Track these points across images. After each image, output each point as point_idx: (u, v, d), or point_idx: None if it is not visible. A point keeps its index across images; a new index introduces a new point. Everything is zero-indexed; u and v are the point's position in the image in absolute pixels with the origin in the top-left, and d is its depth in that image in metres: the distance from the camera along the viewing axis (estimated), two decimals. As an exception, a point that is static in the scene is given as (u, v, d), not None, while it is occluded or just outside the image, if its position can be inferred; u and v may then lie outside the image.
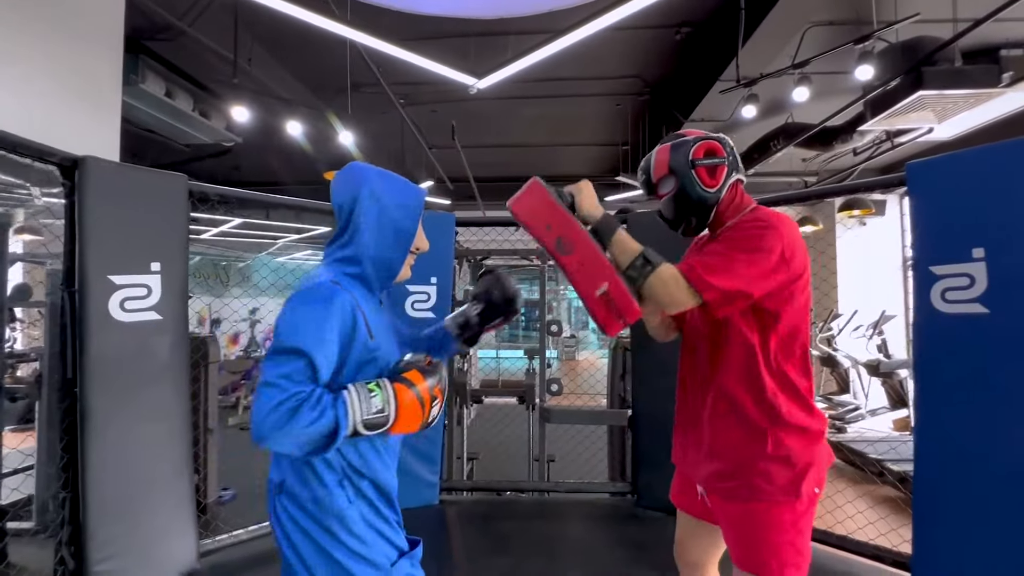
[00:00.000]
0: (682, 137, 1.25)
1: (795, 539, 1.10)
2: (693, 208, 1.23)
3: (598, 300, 1.12)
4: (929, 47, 3.15)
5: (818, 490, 1.12)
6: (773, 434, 1.12)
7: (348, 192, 1.06)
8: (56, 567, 1.93)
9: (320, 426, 0.89)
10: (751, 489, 1.12)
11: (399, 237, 1.07)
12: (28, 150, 1.76)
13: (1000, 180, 1.81)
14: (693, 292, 1.09)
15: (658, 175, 1.24)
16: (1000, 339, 1.79)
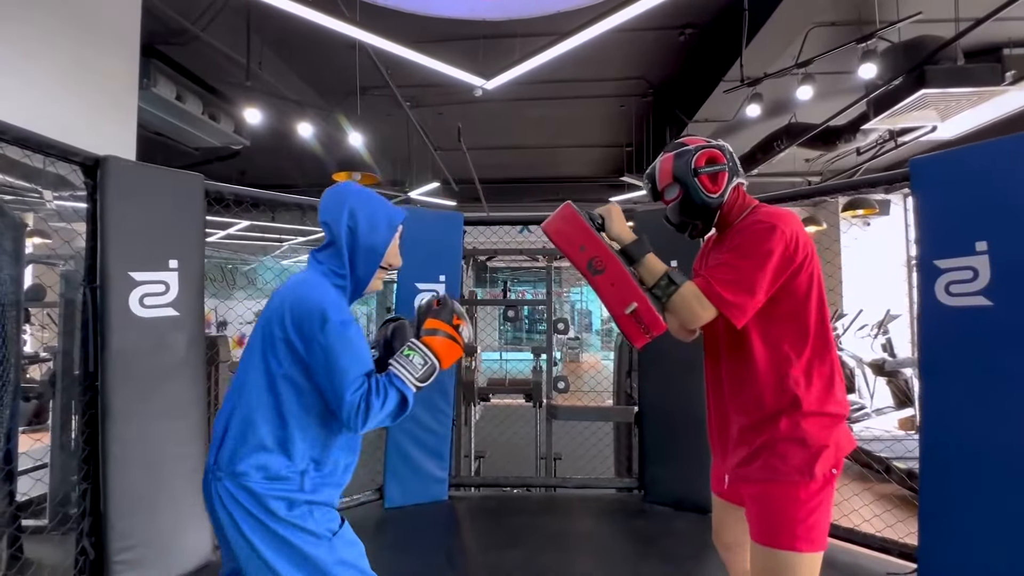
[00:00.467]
0: (684, 146, 1.32)
1: (807, 516, 1.14)
2: (698, 213, 1.31)
3: (627, 317, 1.21)
4: (931, 46, 3.19)
5: (835, 471, 1.17)
6: (790, 417, 1.17)
7: (332, 211, 1.18)
8: (77, 557, 1.97)
9: (391, 404, 1.09)
10: (768, 469, 1.18)
11: (370, 256, 1.19)
12: (53, 149, 1.81)
13: (1002, 174, 1.85)
14: (712, 307, 1.17)
15: (663, 183, 1.33)
16: (1003, 331, 1.82)
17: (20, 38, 2.37)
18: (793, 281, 1.19)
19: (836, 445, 1.18)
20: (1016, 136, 1.85)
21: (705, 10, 3.86)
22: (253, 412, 1.10)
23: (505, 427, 4.52)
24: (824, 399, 1.19)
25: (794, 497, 1.15)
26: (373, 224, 1.18)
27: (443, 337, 1.18)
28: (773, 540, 1.16)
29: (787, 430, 1.17)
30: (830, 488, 1.18)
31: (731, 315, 1.16)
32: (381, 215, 1.20)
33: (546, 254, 3.83)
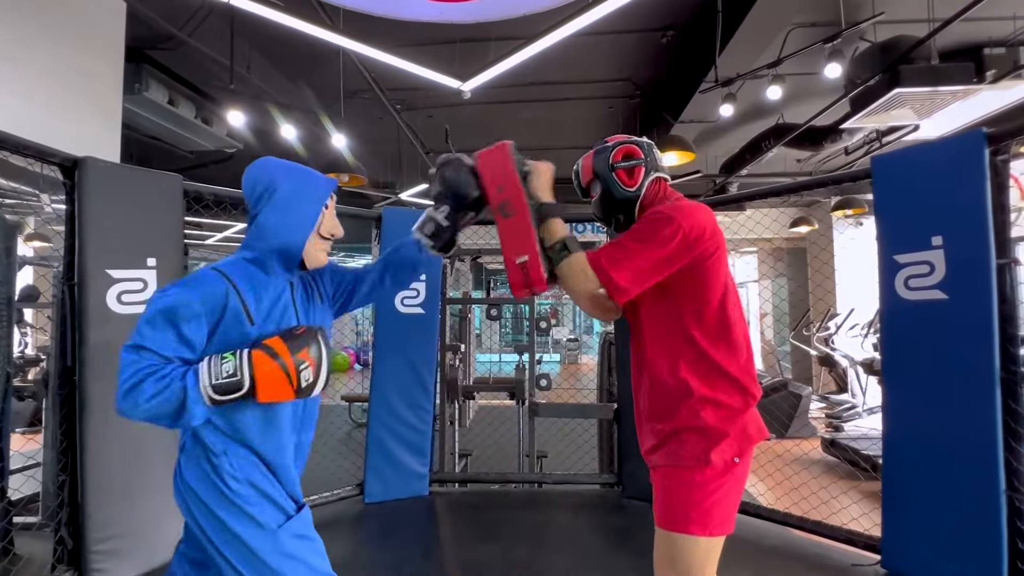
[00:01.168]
0: (605, 144, 1.38)
1: (703, 500, 1.16)
2: (617, 206, 1.36)
3: (516, 266, 1.25)
4: (907, 46, 3.23)
5: (737, 460, 1.18)
6: (688, 406, 1.20)
7: (251, 183, 1.16)
8: (56, 547, 2.02)
9: (165, 397, 0.97)
10: (669, 455, 1.21)
11: (298, 222, 1.15)
12: (30, 151, 1.87)
13: (955, 171, 1.89)
14: (597, 280, 1.20)
15: (585, 180, 1.39)
16: (957, 324, 1.86)
17: (3, 41, 2.44)
18: (692, 272, 1.21)
19: (741, 433, 1.19)
20: (968, 133, 1.89)
21: (684, 11, 3.91)
22: None
23: (494, 427, 4.57)
24: (725, 388, 1.21)
25: (690, 481, 1.17)
26: (298, 190, 1.16)
27: (274, 364, 1.02)
28: (669, 523, 1.19)
29: (686, 418, 1.20)
30: (732, 476, 1.18)
31: (612, 293, 1.20)
32: (310, 182, 1.19)
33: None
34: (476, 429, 5.36)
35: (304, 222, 1.16)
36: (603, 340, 3.66)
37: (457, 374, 3.72)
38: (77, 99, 2.71)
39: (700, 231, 1.20)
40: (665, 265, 1.19)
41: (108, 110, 2.87)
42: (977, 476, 1.81)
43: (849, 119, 3.98)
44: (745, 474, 1.21)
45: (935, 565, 1.91)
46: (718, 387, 1.21)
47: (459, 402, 3.82)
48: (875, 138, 5.40)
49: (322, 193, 1.20)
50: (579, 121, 6.20)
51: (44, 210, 5.27)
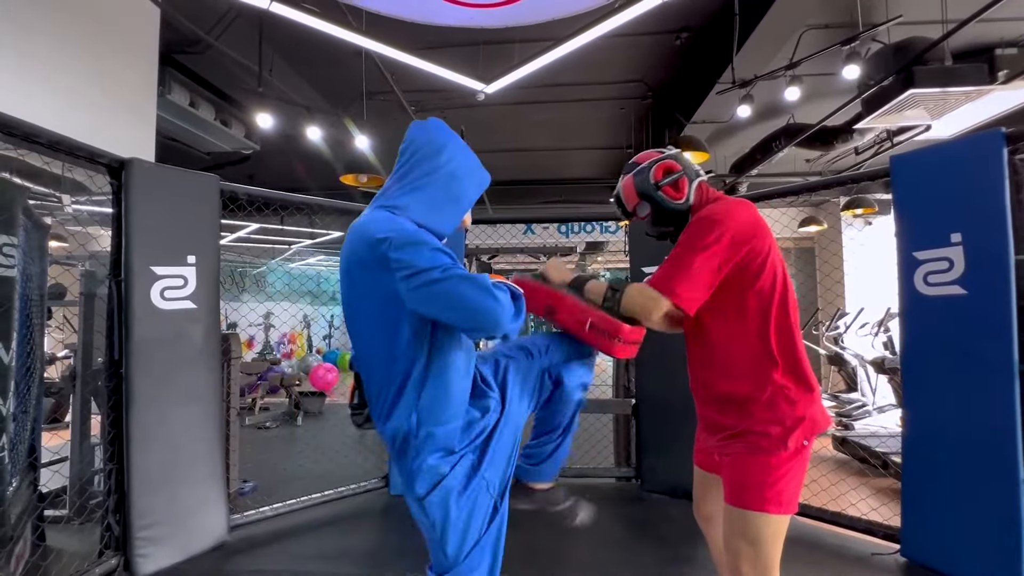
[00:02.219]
0: (638, 165, 1.44)
1: (777, 481, 1.24)
2: (671, 220, 1.43)
3: (590, 333, 1.35)
4: (920, 48, 3.27)
5: (807, 442, 1.26)
6: (767, 399, 1.26)
7: (422, 145, 1.11)
8: (103, 533, 2.10)
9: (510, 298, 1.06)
10: (748, 445, 1.28)
11: (457, 207, 1.12)
12: (82, 152, 1.95)
13: (974, 168, 1.94)
14: (660, 299, 1.27)
15: (631, 204, 1.46)
16: (977, 319, 1.91)
17: (48, 50, 2.53)
18: (747, 269, 1.27)
19: (810, 419, 1.27)
20: (987, 133, 1.95)
21: (700, 14, 3.96)
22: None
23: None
24: (792, 381, 1.27)
25: (765, 464, 1.25)
26: (470, 173, 1.13)
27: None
28: (744, 502, 1.26)
29: (765, 411, 1.26)
30: (801, 457, 1.27)
31: (680, 304, 1.26)
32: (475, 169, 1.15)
33: (547, 253, 3.94)
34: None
35: (462, 209, 1.15)
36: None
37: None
38: (114, 103, 2.80)
39: (747, 230, 1.26)
40: (721, 267, 1.25)
41: (143, 113, 2.96)
42: (996, 467, 1.86)
43: (861, 120, 4.03)
44: (808, 456, 1.28)
45: (954, 554, 1.96)
46: (788, 379, 1.27)
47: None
48: (886, 138, 5.44)
49: (484, 184, 1.19)
50: (591, 122, 6.26)
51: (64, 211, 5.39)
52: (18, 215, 2.37)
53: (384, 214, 1.08)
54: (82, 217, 4.48)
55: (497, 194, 7.14)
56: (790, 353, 1.29)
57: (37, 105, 2.11)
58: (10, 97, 1.84)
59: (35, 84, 2.49)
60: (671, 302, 1.26)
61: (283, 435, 5.43)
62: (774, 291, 1.29)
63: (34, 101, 2.22)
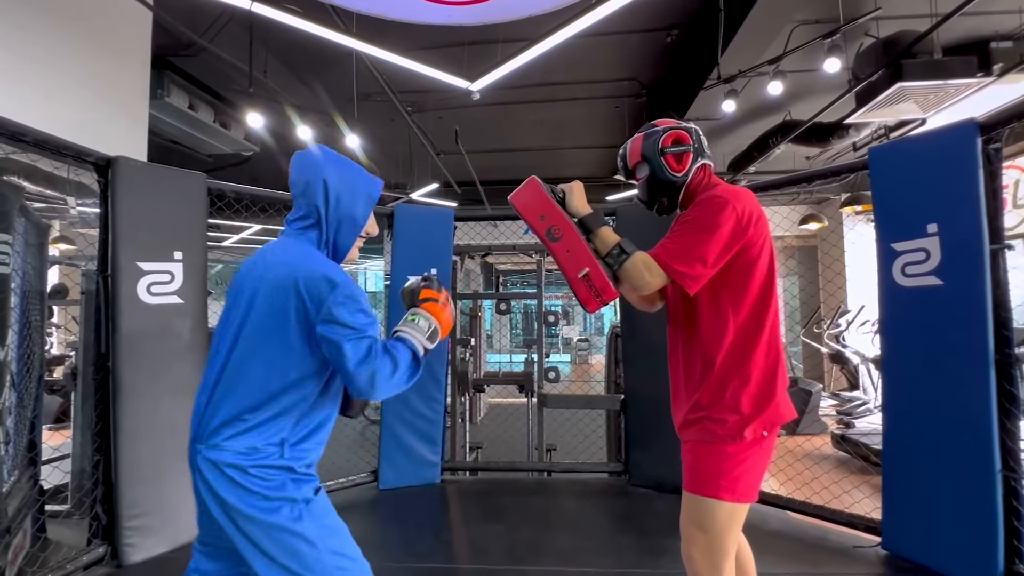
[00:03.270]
0: (654, 127, 1.41)
1: (732, 470, 1.24)
2: (663, 190, 1.39)
3: (580, 281, 1.30)
4: (909, 41, 3.26)
5: (766, 433, 1.26)
6: (728, 390, 1.26)
7: (308, 176, 1.16)
8: (91, 523, 2.15)
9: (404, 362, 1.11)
10: (703, 431, 1.28)
11: (351, 226, 1.18)
12: (69, 151, 2.01)
13: (949, 159, 1.94)
14: (663, 274, 1.26)
15: (633, 162, 1.42)
16: (952, 309, 1.91)
17: (42, 52, 2.60)
18: (743, 256, 1.26)
19: (773, 412, 1.26)
20: (960, 124, 1.95)
21: (689, 11, 3.97)
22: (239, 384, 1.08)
23: (504, 424, 4.66)
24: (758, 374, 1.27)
25: (721, 452, 1.25)
26: (354, 193, 1.17)
27: (440, 304, 1.21)
28: (699, 488, 1.27)
29: (726, 401, 1.26)
30: (760, 448, 1.26)
31: (683, 283, 1.25)
32: (360, 185, 1.19)
33: (537, 251, 3.97)
34: (486, 425, 5.46)
35: (357, 226, 1.20)
36: (610, 333, 3.73)
37: (468, 367, 3.81)
38: (107, 104, 2.87)
39: (751, 217, 1.26)
40: (726, 250, 1.24)
41: (135, 114, 3.03)
42: (973, 456, 1.85)
43: (854, 114, 4.01)
44: (771, 448, 1.28)
45: (933, 545, 1.95)
46: (758, 369, 1.27)
47: (470, 395, 3.91)
48: (883, 134, 5.40)
49: (375, 195, 1.22)
50: (586, 120, 6.28)
51: (70, 212, 5.49)
52: (13, 214, 2.44)
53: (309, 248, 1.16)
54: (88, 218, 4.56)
55: (494, 192, 7.17)
56: (767, 343, 1.29)
57: (31, 106, 2.18)
58: (4, 99, 1.90)
59: (29, 85, 2.56)
60: (672, 279, 1.25)
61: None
62: (764, 281, 1.29)
63: (28, 102, 2.28)
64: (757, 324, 1.28)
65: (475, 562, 2.16)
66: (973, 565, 1.84)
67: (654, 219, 1.52)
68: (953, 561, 1.90)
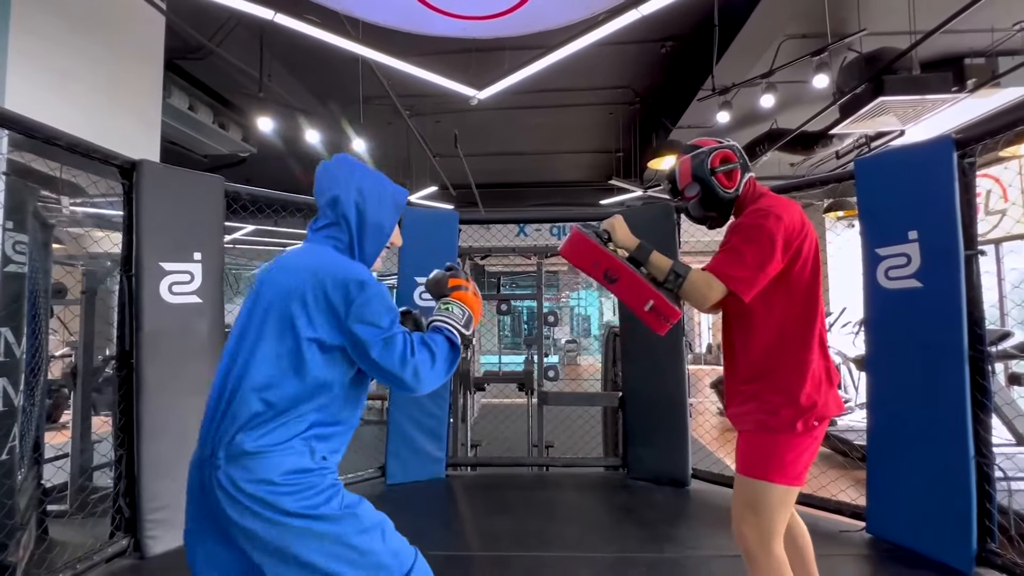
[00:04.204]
0: (698, 148, 1.50)
1: (784, 455, 1.34)
2: (717, 207, 1.48)
3: (647, 313, 1.38)
4: (890, 57, 3.46)
5: (816, 423, 1.35)
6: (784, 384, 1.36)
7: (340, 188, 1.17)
8: (114, 516, 2.20)
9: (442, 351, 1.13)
10: (760, 424, 1.38)
11: (378, 235, 1.19)
12: (98, 154, 2.07)
13: (928, 171, 2.11)
14: (722, 287, 1.34)
15: (683, 183, 1.50)
16: (932, 310, 2.07)
17: (63, 59, 2.65)
18: (792, 263, 1.36)
19: (822, 406, 1.35)
20: (938, 139, 2.11)
21: (684, 24, 4.14)
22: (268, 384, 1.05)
23: (498, 423, 4.76)
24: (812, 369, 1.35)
25: (775, 441, 1.35)
26: (381, 203, 1.19)
27: (470, 292, 1.23)
28: (750, 471, 1.37)
29: (783, 393, 1.35)
30: (810, 437, 1.35)
31: (739, 290, 1.33)
32: (388, 195, 1.21)
33: (537, 253, 4.08)
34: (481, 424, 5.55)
35: (386, 236, 1.21)
36: (607, 333, 3.86)
37: (470, 367, 3.91)
38: (121, 108, 2.92)
39: (798, 227, 1.36)
40: (778, 260, 1.33)
41: (149, 118, 3.08)
42: (949, 445, 2.01)
43: (838, 125, 4.21)
44: (820, 437, 1.37)
45: (914, 528, 2.11)
46: (809, 367, 1.35)
47: (471, 394, 4.01)
48: (864, 143, 5.64)
49: (401, 204, 1.24)
50: (581, 126, 6.43)
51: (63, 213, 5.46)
52: (29, 215, 2.48)
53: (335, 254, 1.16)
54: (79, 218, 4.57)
55: (490, 196, 7.28)
56: (818, 342, 1.38)
57: (53, 111, 2.22)
58: (29, 104, 1.95)
59: (51, 92, 2.61)
60: (730, 288, 1.32)
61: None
62: (812, 285, 1.38)
63: (50, 107, 2.33)
64: (808, 325, 1.37)
65: (488, 550, 2.27)
66: (950, 545, 2.00)
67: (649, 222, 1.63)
68: (932, 542, 2.06)
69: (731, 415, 1.49)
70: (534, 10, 2.15)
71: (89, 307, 3.81)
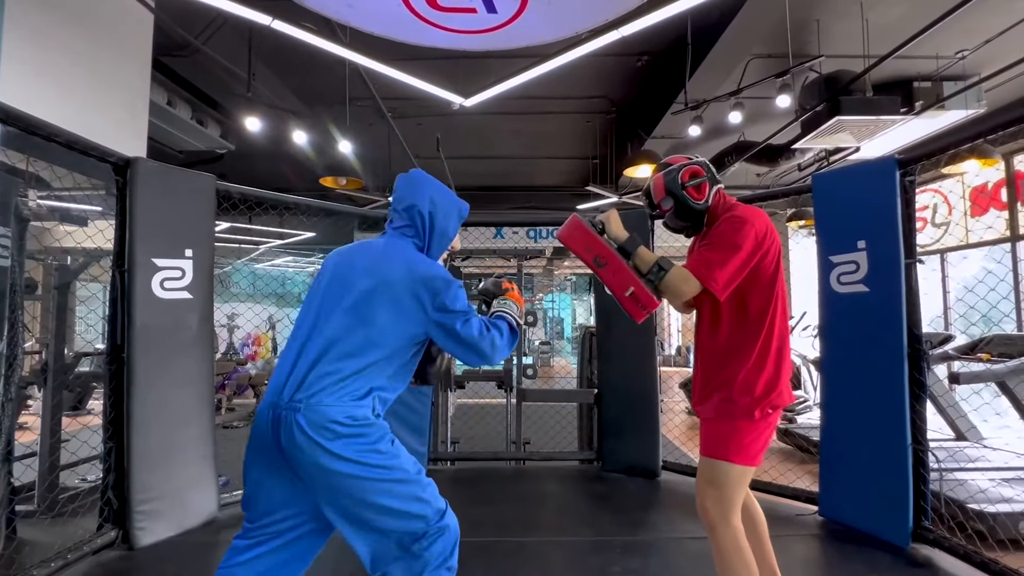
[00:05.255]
0: (670, 166, 1.66)
1: (743, 438, 1.50)
2: (689, 217, 1.64)
3: (627, 299, 1.50)
4: (846, 79, 3.75)
5: (771, 411, 1.51)
6: (744, 375, 1.51)
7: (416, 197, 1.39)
8: (102, 508, 2.23)
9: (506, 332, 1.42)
10: (722, 412, 1.53)
11: (442, 240, 1.42)
12: (95, 151, 2.10)
13: (874, 187, 2.34)
14: (697, 284, 1.47)
15: (658, 198, 1.66)
16: (876, 312, 2.30)
17: (50, 52, 2.64)
18: (759, 264, 1.51)
19: (776, 395, 1.52)
20: (883, 158, 2.35)
21: (659, 41, 4.36)
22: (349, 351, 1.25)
23: (474, 423, 4.86)
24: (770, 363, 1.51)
25: (735, 427, 1.51)
26: (448, 213, 1.41)
27: (517, 293, 1.55)
28: (715, 453, 1.52)
29: (742, 384, 1.51)
30: (766, 422, 1.51)
31: (714, 290, 1.48)
32: (454, 205, 1.44)
33: (517, 255, 4.22)
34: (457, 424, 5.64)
35: (447, 240, 1.44)
36: (583, 333, 4.03)
37: (450, 364, 4.01)
38: (111, 105, 2.92)
39: (766, 234, 1.52)
40: (748, 262, 1.48)
41: (137, 114, 3.08)
42: (890, 434, 2.24)
43: (800, 140, 4.51)
44: (775, 423, 1.54)
45: (860, 509, 2.34)
46: (769, 361, 1.52)
47: (452, 391, 4.11)
48: (824, 157, 6.00)
49: (464, 215, 1.48)
50: (559, 133, 6.62)
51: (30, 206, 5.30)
52: (11, 207, 2.47)
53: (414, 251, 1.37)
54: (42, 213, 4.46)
55: (469, 199, 7.34)
56: (778, 336, 1.54)
57: (41, 106, 2.23)
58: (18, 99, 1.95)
59: (41, 87, 2.61)
60: (706, 287, 1.46)
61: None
62: (773, 284, 1.54)
63: (40, 103, 2.33)
64: (769, 321, 1.53)
65: (471, 535, 2.38)
66: (890, 523, 2.22)
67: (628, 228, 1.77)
68: (875, 521, 2.28)
69: (697, 406, 1.65)
70: (522, 28, 2.29)
71: (61, 303, 3.75)
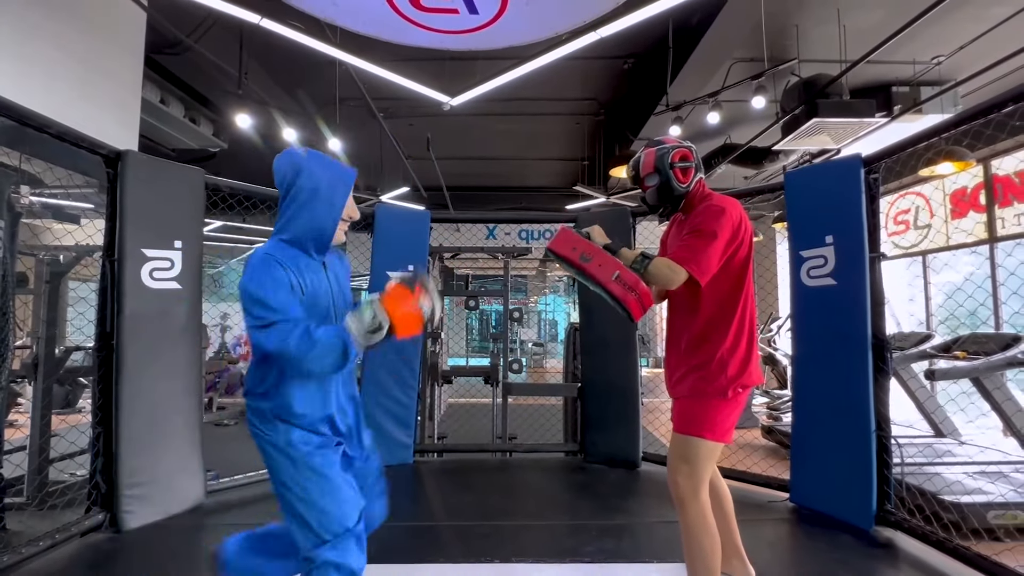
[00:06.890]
0: (663, 143, 1.70)
1: (715, 416, 1.57)
2: (670, 198, 1.68)
3: (614, 283, 1.52)
4: (824, 83, 3.86)
5: (741, 390, 1.58)
6: (719, 356, 1.58)
7: (286, 174, 1.30)
8: (90, 491, 2.28)
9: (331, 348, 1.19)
10: (695, 391, 1.60)
11: (331, 209, 1.31)
12: (85, 142, 2.16)
13: (841, 184, 2.44)
14: (682, 271, 1.52)
15: (645, 172, 1.70)
16: (843, 304, 2.39)
17: (41, 45, 2.70)
18: (735, 252, 1.58)
19: (746, 375, 1.59)
20: (849, 157, 2.45)
21: (644, 43, 4.46)
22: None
23: (464, 421, 4.92)
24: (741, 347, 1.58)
25: (707, 404, 1.58)
26: (331, 181, 1.31)
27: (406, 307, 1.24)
28: (688, 429, 1.59)
29: (717, 365, 1.58)
30: (735, 401, 1.59)
31: (698, 276, 1.54)
32: (340, 173, 1.34)
33: (506, 253, 4.30)
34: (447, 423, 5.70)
35: (337, 209, 1.32)
36: (569, 329, 4.11)
37: (438, 359, 4.08)
38: (103, 100, 2.98)
39: (740, 223, 1.59)
40: (726, 249, 1.56)
41: (129, 109, 3.14)
42: (855, 421, 2.33)
43: (780, 142, 4.62)
44: (744, 400, 1.61)
45: (827, 494, 2.42)
46: (740, 345, 1.59)
47: (439, 387, 4.17)
48: (808, 159, 6.12)
49: (350, 181, 1.36)
50: (549, 134, 6.71)
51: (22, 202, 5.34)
52: (3, 200, 2.53)
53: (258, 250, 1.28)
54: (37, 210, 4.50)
55: (460, 199, 7.46)
56: (749, 320, 1.61)
57: (34, 100, 2.28)
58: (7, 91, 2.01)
59: (31, 79, 2.66)
60: (690, 273, 1.50)
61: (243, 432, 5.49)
62: (743, 269, 1.61)
63: (33, 96, 2.38)
64: (742, 304, 1.60)
65: (453, 520, 2.45)
66: (855, 507, 2.31)
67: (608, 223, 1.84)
68: (841, 506, 2.37)
69: (671, 385, 1.71)
70: (503, 29, 2.37)
71: (52, 297, 3.79)
